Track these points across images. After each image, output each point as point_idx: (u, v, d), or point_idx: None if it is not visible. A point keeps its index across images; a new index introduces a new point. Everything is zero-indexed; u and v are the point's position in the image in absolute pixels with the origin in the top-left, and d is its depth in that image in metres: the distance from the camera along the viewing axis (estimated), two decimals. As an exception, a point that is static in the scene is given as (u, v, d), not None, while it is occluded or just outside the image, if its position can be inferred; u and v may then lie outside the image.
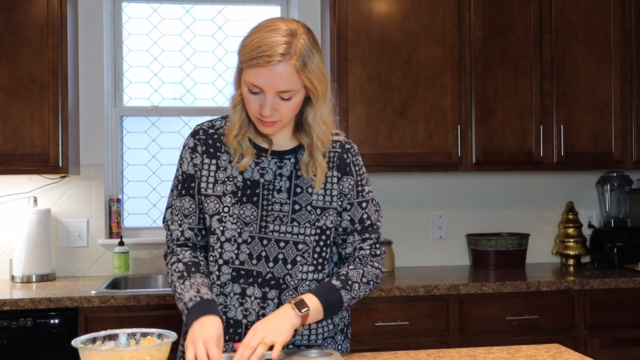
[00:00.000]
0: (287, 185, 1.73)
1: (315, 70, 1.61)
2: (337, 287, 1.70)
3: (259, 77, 1.58)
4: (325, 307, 1.66)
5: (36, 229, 3.22)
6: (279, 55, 1.56)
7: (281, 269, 1.72)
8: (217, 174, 1.74)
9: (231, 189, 1.72)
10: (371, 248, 1.80)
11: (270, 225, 1.71)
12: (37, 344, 2.80)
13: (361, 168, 1.81)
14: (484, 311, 3.08)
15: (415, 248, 3.72)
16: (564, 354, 1.85)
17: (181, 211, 1.77)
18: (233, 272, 1.73)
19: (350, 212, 1.78)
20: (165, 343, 1.54)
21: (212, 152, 1.75)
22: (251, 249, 1.72)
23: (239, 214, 1.71)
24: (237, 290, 1.73)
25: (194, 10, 3.72)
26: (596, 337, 3.15)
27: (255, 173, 1.73)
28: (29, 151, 3.09)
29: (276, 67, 1.56)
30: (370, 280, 1.77)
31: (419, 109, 3.35)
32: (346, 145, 1.80)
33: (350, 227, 1.78)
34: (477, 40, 3.39)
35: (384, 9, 3.35)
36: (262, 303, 1.72)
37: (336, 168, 1.76)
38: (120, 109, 3.64)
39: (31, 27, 3.09)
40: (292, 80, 1.59)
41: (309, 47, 1.61)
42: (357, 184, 1.78)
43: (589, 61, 3.48)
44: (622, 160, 3.52)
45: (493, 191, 3.80)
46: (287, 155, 1.75)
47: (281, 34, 1.58)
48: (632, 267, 3.45)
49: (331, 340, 1.84)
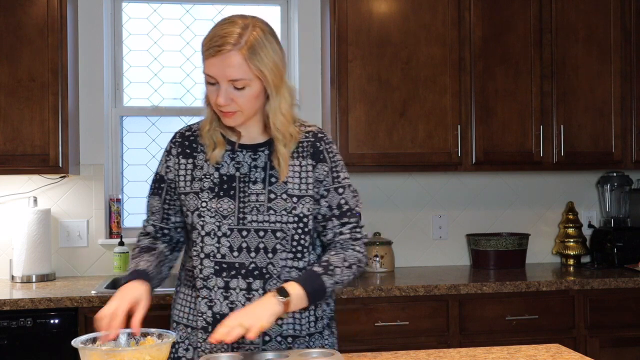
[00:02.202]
0: (262, 176, 1.79)
1: (266, 61, 1.67)
2: (318, 273, 1.72)
3: (211, 67, 1.67)
4: (308, 293, 1.68)
5: (36, 229, 3.22)
6: (229, 45, 1.65)
7: (263, 258, 1.76)
8: (194, 172, 1.81)
9: (208, 185, 1.79)
10: (351, 232, 1.81)
11: (248, 215, 1.76)
12: (37, 344, 2.80)
13: (335, 155, 1.84)
14: (484, 311, 3.08)
15: (415, 248, 3.72)
16: (564, 354, 1.85)
17: (150, 208, 1.91)
18: (215, 266, 1.77)
19: (328, 198, 1.81)
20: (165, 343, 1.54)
21: (188, 152, 1.83)
22: (231, 242, 1.76)
23: (217, 208, 1.76)
24: (221, 284, 1.77)
25: (194, 10, 3.72)
26: (596, 337, 3.15)
27: (231, 168, 1.80)
28: (29, 151, 3.09)
29: (226, 56, 1.65)
30: (352, 264, 1.78)
31: (419, 109, 3.35)
32: (319, 135, 1.84)
33: (329, 212, 1.81)
34: (477, 40, 3.39)
35: (384, 9, 3.35)
36: (248, 294, 1.76)
37: (310, 156, 1.81)
38: (120, 109, 3.64)
39: (31, 27, 3.09)
40: (242, 69, 1.66)
41: (261, 39, 1.68)
42: (331, 170, 1.82)
43: (589, 61, 3.48)
44: (622, 160, 3.52)
45: (493, 191, 3.80)
46: (261, 148, 1.81)
47: (235, 26, 1.68)
48: (632, 267, 3.45)
49: (319, 336, 1.86)
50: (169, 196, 1.86)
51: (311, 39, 3.61)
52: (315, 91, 3.60)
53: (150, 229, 1.91)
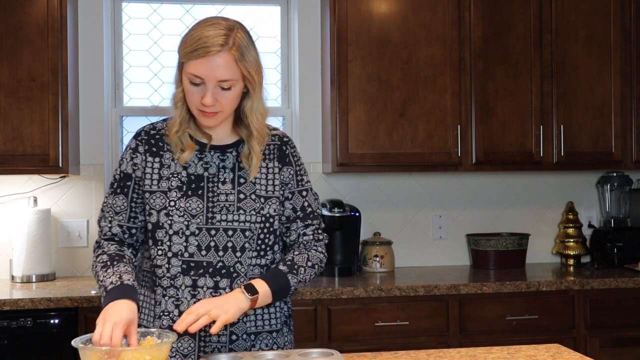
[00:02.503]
0: (231, 177, 1.81)
1: (252, 61, 1.72)
2: (284, 272, 1.78)
3: (200, 67, 1.68)
4: (273, 291, 1.74)
5: (36, 229, 3.22)
6: (219, 46, 1.67)
7: (231, 257, 1.78)
8: (162, 171, 1.81)
9: (176, 184, 1.79)
10: (314, 233, 1.89)
11: (217, 215, 1.78)
12: (37, 344, 2.80)
13: (299, 159, 1.92)
14: (484, 311, 3.08)
15: (415, 248, 3.72)
16: (564, 354, 1.85)
17: (113, 208, 1.84)
18: (183, 265, 1.77)
19: (292, 200, 1.87)
20: (165, 343, 1.54)
21: (154, 150, 1.83)
22: (199, 241, 1.77)
23: (185, 207, 1.77)
24: (188, 282, 1.77)
25: (194, 10, 3.72)
26: (596, 337, 3.15)
27: (199, 168, 1.81)
28: (29, 151, 3.09)
29: (216, 57, 1.67)
30: (315, 264, 1.85)
31: (419, 109, 3.35)
32: (284, 139, 1.91)
33: (293, 214, 1.87)
34: (477, 40, 3.39)
35: (384, 9, 3.35)
36: (215, 293, 1.77)
37: (277, 159, 1.87)
38: (120, 109, 3.64)
39: (31, 27, 3.09)
40: (231, 70, 1.69)
41: (245, 40, 1.72)
42: (296, 173, 1.88)
43: (589, 61, 3.48)
44: (622, 160, 3.52)
45: (493, 191, 3.80)
46: (229, 149, 1.84)
47: (219, 27, 1.69)
48: (632, 267, 3.45)
49: (278, 334, 1.88)
50: (135, 194, 1.83)
51: (311, 39, 3.61)
52: (315, 91, 3.60)
53: (116, 229, 1.83)
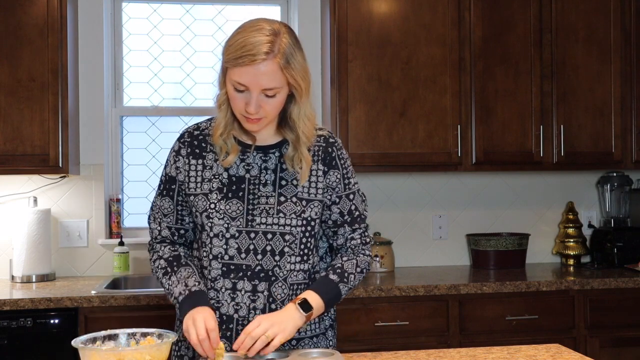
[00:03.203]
0: (273, 179, 1.78)
1: (298, 67, 1.68)
2: (335, 282, 1.76)
3: (244, 75, 1.64)
4: (326, 302, 1.73)
5: (36, 229, 3.22)
6: (263, 54, 1.62)
7: (270, 260, 1.76)
8: (204, 173, 1.79)
9: (217, 186, 1.78)
10: (361, 237, 1.87)
11: (257, 218, 1.76)
12: (37, 344, 2.80)
13: (346, 161, 1.87)
14: (484, 311, 3.08)
15: (415, 248, 3.72)
16: (564, 354, 1.85)
17: (161, 210, 1.84)
18: (223, 267, 1.77)
19: (340, 205, 1.84)
20: (165, 343, 1.54)
21: (197, 152, 1.81)
22: (239, 243, 1.76)
23: (225, 210, 1.76)
24: (228, 285, 1.77)
25: (194, 10, 3.72)
26: (596, 337, 3.15)
27: (240, 169, 1.79)
28: (29, 151, 3.09)
29: (261, 65, 1.63)
30: (363, 269, 1.85)
31: (419, 109, 3.35)
32: (330, 140, 1.86)
33: (340, 219, 1.84)
34: (477, 40, 3.39)
35: (384, 9, 3.35)
36: (252, 296, 1.76)
37: (321, 161, 1.82)
38: (120, 109, 3.64)
39: (31, 27, 3.09)
40: (276, 78, 1.65)
41: (291, 45, 1.67)
42: (343, 177, 1.84)
43: (589, 61, 3.48)
44: (622, 160, 3.52)
45: (493, 191, 3.80)
46: (272, 150, 1.81)
47: (264, 33, 1.64)
48: (632, 267, 3.45)
49: (322, 337, 1.88)
50: (181, 197, 1.82)
51: (311, 39, 3.61)
52: (315, 91, 3.58)
53: (166, 232, 1.84)
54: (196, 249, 1.86)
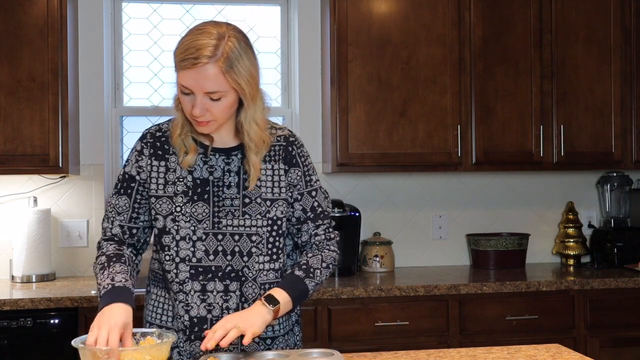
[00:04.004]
0: (236, 180, 1.80)
1: (242, 72, 1.67)
2: (301, 277, 1.78)
3: (187, 78, 1.65)
4: (293, 298, 1.74)
5: (36, 229, 3.22)
6: (205, 58, 1.62)
7: (239, 261, 1.78)
8: (167, 175, 1.80)
9: (182, 189, 1.78)
10: (325, 232, 1.88)
11: (223, 220, 1.77)
12: (37, 344, 2.80)
13: (307, 159, 1.88)
14: (484, 311, 3.08)
15: (415, 248, 3.72)
16: (564, 354, 1.85)
17: (115, 208, 1.83)
18: (191, 270, 1.77)
19: (302, 202, 1.86)
20: (165, 343, 1.55)
21: (160, 154, 1.81)
22: (207, 245, 1.77)
23: (192, 212, 1.77)
24: (197, 287, 1.77)
25: (194, 10, 3.72)
26: (596, 337, 3.15)
27: (204, 172, 1.79)
28: (29, 151, 3.09)
29: (202, 69, 1.63)
30: (329, 264, 1.85)
31: (419, 109, 3.35)
32: (290, 139, 1.87)
33: (304, 216, 1.86)
34: (477, 40, 3.39)
35: (384, 9, 3.35)
36: (225, 296, 1.77)
37: (282, 160, 1.83)
38: (120, 109, 3.64)
39: (31, 27, 3.09)
40: (219, 82, 1.65)
41: (236, 49, 1.66)
42: (304, 174, 1.86)
43: (589, 61, 3.48)
44: (622, 160, 3.52)
45: (493, 191, 3.80)
46: (234, 152, 1.81)
47: (209, 37, 1.64)
48: (632, 267, 3.45)
49: (291, 333, 1.90)
50: (139, 195, 1.82)
51: (311, 39, 3.61)
52: (315, 91, 3.60)
53: (117, 230, 1.83)
54: (155, 252, 1.85)
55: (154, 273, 1.89)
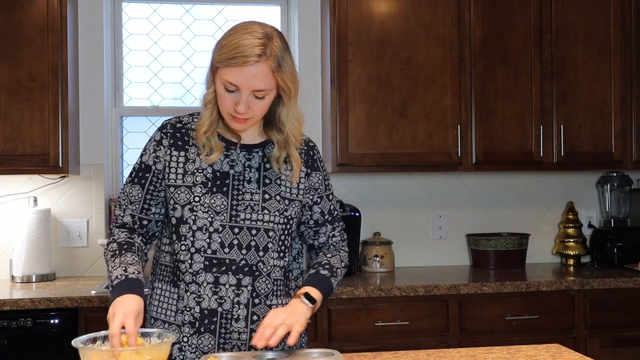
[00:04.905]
0: (257, 176, 1.83)
1: (288, 71, 1.73)
2: (327, 276, 1.85)
3: (236, 76, 1.68)
4: (324, 296, 1.81)
5: (36, 229, 3.22)
6: (256, 56, 1.67)
7: (254, 256, 1.79)
8: (187, 166, 1.81)
9: (201, 180, 1.80)
10: (340, 234, 1.98)
11: (241, 213, 1.79)
12: (37, 344, 2.80)
13: (324, 164, 1.97)
14: (484, 311, 3.08)
15: (415, 248, 3.72)
16: (564, 354, 1.85)
17: (128, 197, 1.84)
18: (205, 261, 1.78)
19: (321, 204, 1.92)
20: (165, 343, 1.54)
21: (180, 144, 1.83)
22: (222, 238, 1.78)
23: (210, 204, 1.78)
24: (210, 279, 1.78)
25: (194, 10, 3.72)
26: (596, 337, 3.15)
27: (224, 165, 1.82)
28: (29, 151, 3.09)
29: (253, 67, 1.67)
30: (346, 264, 1.95)
31: (419, 109, 3.35)
32: (310, 143, 1.94)
33: (322, 218, 1.93)
34: (477, 40, 3.39)
35: (384, 9, 3.35)
36: (237, 290, 1.78)
37: (304, 164, 1.89)
38: (120, 109, 3.64)
39: (31, 27, 3.09)
40: (268, 80, 1.70)
41: (282, 49, 1.73)
42: (324, 178, 1.93)
43: (589, 61, 3.49)
44: (622, 160, 3.52)
45: (493, 191, 3.80)
46: (256, 149, 1.85)
47: (257, 36, 1.69)
48: (632, 267, 3.45)
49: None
50: (152, 187, 1.83)
51: (311, 39, 3.61)
52: (315, 91, 3.60)
53: (128, 219, 1.84)
54: (168, 244, 1.84)
55: (161, 267, 1.88)
